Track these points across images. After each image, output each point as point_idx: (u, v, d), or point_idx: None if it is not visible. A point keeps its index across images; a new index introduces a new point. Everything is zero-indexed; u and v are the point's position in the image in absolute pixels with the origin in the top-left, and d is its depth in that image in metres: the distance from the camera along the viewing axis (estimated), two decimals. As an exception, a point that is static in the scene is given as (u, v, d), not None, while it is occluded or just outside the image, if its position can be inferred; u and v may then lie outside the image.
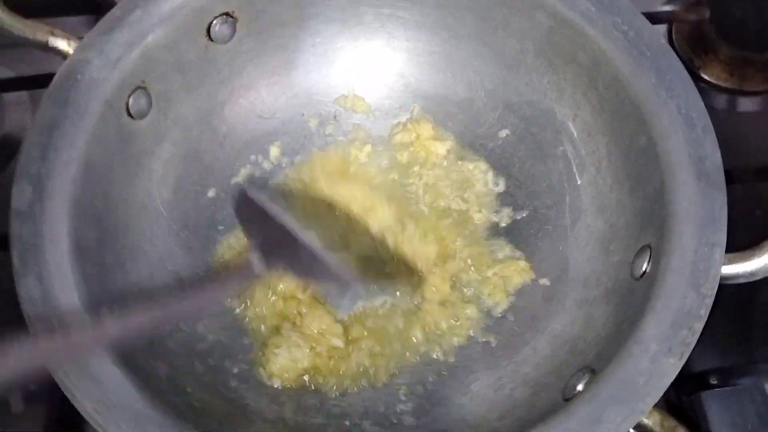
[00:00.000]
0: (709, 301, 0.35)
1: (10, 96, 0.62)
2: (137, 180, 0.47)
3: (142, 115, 0.47)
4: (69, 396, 0.34)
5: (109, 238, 0.43)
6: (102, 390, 0.35)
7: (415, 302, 0.48)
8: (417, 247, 0.48)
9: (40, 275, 0.37)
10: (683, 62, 0.43)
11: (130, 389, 0.35)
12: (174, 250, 0.49)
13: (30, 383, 0.31)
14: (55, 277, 0.37)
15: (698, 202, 0.38)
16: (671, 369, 0.34)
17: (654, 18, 0.57)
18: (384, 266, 0.48)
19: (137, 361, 0.39)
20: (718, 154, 0.39)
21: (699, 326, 0.35)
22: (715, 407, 0.47)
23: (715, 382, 0.48)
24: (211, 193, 0.52)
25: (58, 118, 0.41)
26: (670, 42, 0.63)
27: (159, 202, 0.49)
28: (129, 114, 0.45)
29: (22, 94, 0.61)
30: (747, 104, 0.62)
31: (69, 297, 0.37)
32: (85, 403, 0.34)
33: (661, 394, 0.33)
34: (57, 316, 0.36)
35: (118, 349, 0.37)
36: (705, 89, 0.61)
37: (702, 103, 0.40)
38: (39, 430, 0.47)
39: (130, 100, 0.45)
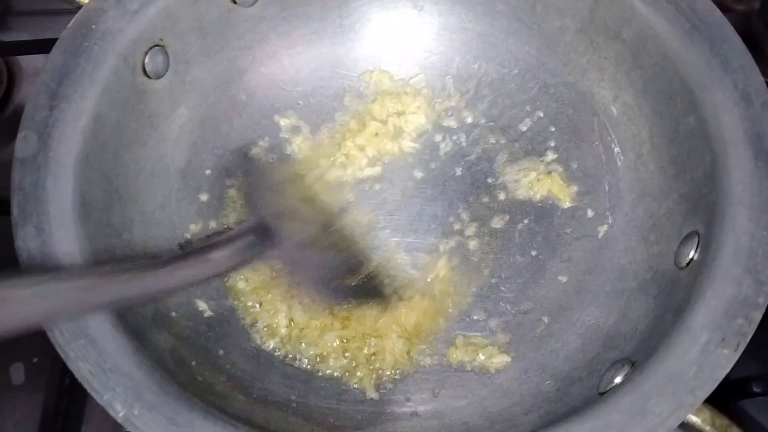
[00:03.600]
0: (768, 289, 0.32)
1: (28, 62, 0.61)
2: (150, 142, 0.45)
3: (159, 75, 0.44)
4: (62, 356, 0.32)
5: (117, 199, 0.41)
6: (99, 353, 0.32)
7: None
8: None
9: (39, 227, 0.34)
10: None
11: (129, 355, 0.33)
12: (185, 218, 0.46)
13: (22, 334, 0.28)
14: (55, 230, 0.35)
15: (755, 184, 0.35)
16: (725, 360, 0.31)
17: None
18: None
19: (139, 329, 0.36)
20: (780, 132, 0.35)
21: (757, 315, 0.31)
22: (758, 417, 0.44)
23: (758, 390, 0.45)
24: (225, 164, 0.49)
25: (69, 67, 0.38)
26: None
27: (172, 169, 0.47)
28: (145, 72, 0.43)
29: (39, 63, 0.60)
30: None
31: (69, 252, 0.35)
32: (79, 365, 0.31)
33: (714, 387, 0.30)
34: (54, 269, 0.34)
35: (120, 314, 0.35)
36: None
37: (761, 78, 0.37)
38: (39, 403, 0.46)
39: (147, 58, 0.43)
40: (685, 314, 0.33)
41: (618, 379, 0.34)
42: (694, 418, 0.30)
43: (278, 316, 0.44)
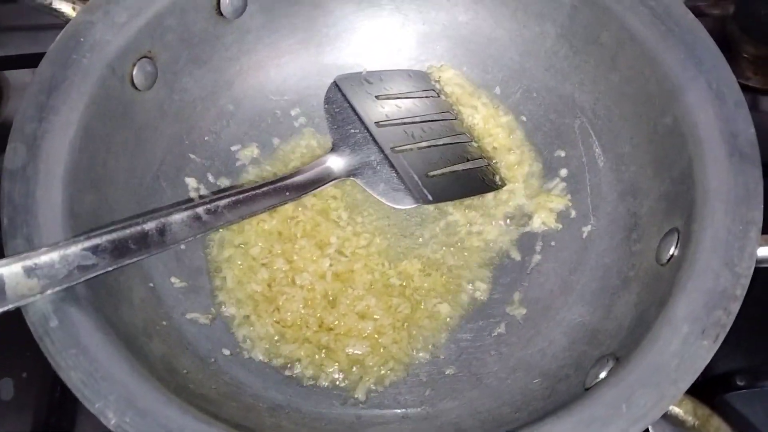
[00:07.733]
0: (745, 282, 0.33)
1: (15, 77, 0.61)
2: (139, 153, 0.45)
3: (147, 87, 0.45)
4: (54, 365, 0.32)
5: (106, 209, 0.41)
6: (90, 361, 0.32)
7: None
8: None
9: (29, 238, 0.35)
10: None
11: (121, 363, 0.33)
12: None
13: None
14: (45, 240, 0.35)
15: (731, 179, 0.36)
16: (705, 352, 0.31)
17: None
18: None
19: (130, 338, 0.37)
20: (752, 129, 0.37)
21: (735, 307, 0.32)
22: (742, 410, 0.45)
23: (741, 384, 0.46)
24: (211, 179, 0.50)
25: (57, 79, 0.39)
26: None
27: (161, 178, 0.47)
28: (133, 84, 0.43)
29: (27, 78, 0.60)
30: (771, 103, 0.60)
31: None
32: (70, 374, 0.32)
33: (695, 378, 0.31)
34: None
35: (111, 323, 0.35)
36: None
37: (734, 77, 0.38)
38: (29, 419, 0.45)
39: (135, 69, 0.43)
40: (666, 308, 0.34)
41: (603, 374, 0.35)
42: (676, 409, 0.31)
43: (267, 326, 0.44)
